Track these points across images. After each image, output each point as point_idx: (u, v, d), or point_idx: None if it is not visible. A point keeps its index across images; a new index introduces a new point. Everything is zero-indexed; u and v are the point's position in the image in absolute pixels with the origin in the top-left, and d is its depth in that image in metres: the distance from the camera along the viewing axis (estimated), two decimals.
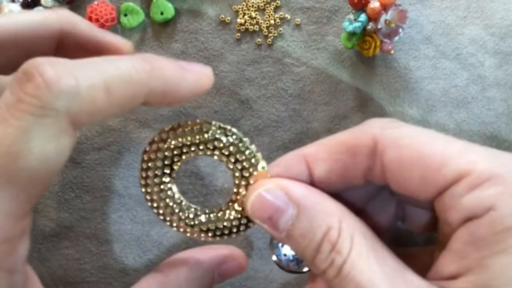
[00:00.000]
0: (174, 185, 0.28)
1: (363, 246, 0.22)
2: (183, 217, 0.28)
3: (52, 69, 0.21)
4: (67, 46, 0.26)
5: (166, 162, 0.27)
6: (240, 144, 0.26)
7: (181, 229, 0.28)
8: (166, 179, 0.27)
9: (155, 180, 0.27)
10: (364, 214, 0.27)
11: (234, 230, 0.27)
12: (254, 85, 0.36)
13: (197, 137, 0.26)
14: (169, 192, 0.27)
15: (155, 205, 0.27)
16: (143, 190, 0.27)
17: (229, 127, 0.26)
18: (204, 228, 0.27)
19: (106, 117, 0.23)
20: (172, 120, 0.36)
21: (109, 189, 0.36)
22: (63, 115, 0.21)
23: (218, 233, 0.27)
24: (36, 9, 0.35)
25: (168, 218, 0.28)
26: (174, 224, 0.28)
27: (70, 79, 0.21)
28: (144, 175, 0.27)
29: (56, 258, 0.36)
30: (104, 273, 0.36)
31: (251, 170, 0.26)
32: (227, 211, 0.27)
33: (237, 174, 0.26)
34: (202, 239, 0.28)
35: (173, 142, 0.26)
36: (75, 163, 0.36)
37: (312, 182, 0.25)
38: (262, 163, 0.26)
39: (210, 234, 0.27)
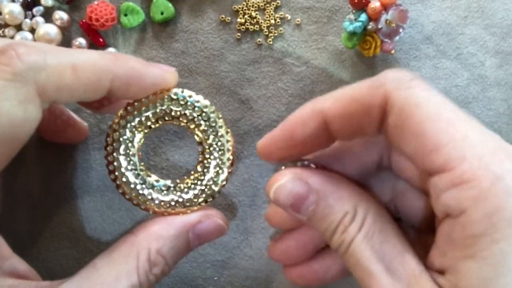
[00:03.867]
0: (141, 164, 0.29)
1: (370, 228, 0.24)
2: (149, 197, 0.29)
3: (24, 46, 0.25)
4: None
5: (128, 135, 0.28)
6: (195, 110, 0.29)
7: (156, 209, 0.29)
8: (130, 152, 0.29)
9: (122, 160, 0.28)
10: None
11: (202, 200, 0.29)
12: (254, 85, 0.36)
13: (156, 109, 0.29)
14: (138, 171, 0.29)
15: (126, 190, 0.29)
16: (111, 177, 0.29)
17: (182, 95, 0.29)
18: (176, 203, 0.29)
19: (74, 96, 0.26)
20: None
21: (109, 189, 0.36)
22: (31, 84, 0.24)
23: (187, 204, 0.29)
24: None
25: (141, 201, 0.29)
26: (148, 206, 0.29)
27: (40, 55, 0.25)
28: (110, 159, 0.28)
29: (56, 258, 0.36)
30: None
31: (211, 134, 0.29)
32: (196, 182, 0.29)
33: (201, 141, 0.29)
34: (174, 214, 0.29)
35: (134, 116, 0.28)
36: (75, 163, 0.36)
37: (329, 136, 0.26)
38: (222, 125, 0.29)
39: (181, 208, 0.29)
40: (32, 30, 0.35)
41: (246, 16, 0.35)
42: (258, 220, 0.36)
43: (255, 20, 0.35)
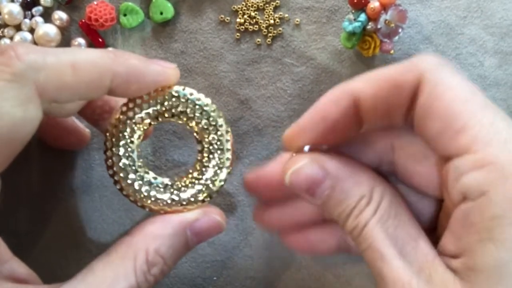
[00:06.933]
0: (140, 161, 0.29)
1: (385, 212, 0.24)
2: (151, 195, 0.29)
3: (23, 47, 0.24)
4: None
5: (128, 131, 0.28)
6: (198, 111, 0.29)
7: (153, 207, 0.29)
8: (131, 153, 0.28)
9: (121, 155, 0.28)
10: None
11: (202, 198, 0.29)
12: (253, 85, 0.36)
13: (157, 106, 0.28)
14: (136, 168, 0.29)
15: (123, 185, 0.28)
16: (110, 172, 0.28)
17: (184, 92, 0.29)
18: (174, 201, 0.29)
19: (75, 95, 0.26)
20: None
21: (109, 189, 0.36)
22: (31, 83, 0.24)
23: (184, 202, 0.29)
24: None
25: (138, 198, 0.29)
26: (145, 204, 0.29)
27: (39, 54, 0.25)
28: (109, 154, 0.28)
29: (56, 259, 0.36)
30: None
31: (211, 133, 0.29)
32: (194, 180, 0.29)
33: (200, 139, 0.29)
34: (173, 212, 0.29)
35: (135, 112, 0.28)
36: (75, 163, 0.36)
37: (358, 119, 0.25)
38: (222, 124, 0.29)
39: (180, 206, 0.29)
40: (32, 30, 0.35)
41: (245, 16, 0.35)
42: None
43: (254, 20, 0.35)
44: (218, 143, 0.29)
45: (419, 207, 0.27)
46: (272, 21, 0.35)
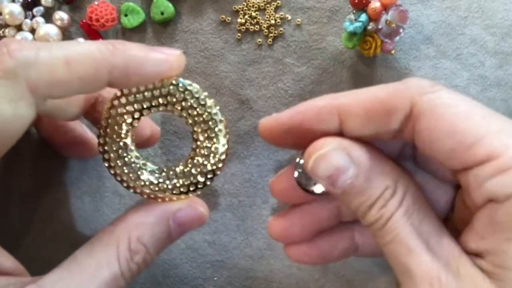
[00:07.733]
0: (132, 145, 0.28)
1: (410, 205, 0.24)
2: (141, 177, 0.28)
3: (16, 43, 0.24)
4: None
5: (124, 118, 0.27)
6: (192, 100, 0.27)
7: (138, 190, 0.28)
8: (124, 135, 0.28)
9: (114, 136, 0.27)
10: None
11: (192, 188, 0.28)
12: (254, 85, 0.36)
13: (153, 93, 0.27)
14: (127, 151, 0.28)
15: (112, 164, 0.28)
16: (100, 149, 0.28)
17: (182, 83, 0.27)
18: (163, 187, 0.28)
19: (70, 90, 0.25)
20: (168, 117, 0.36)
21: (109, 189, 0.36)
22: (22, 81, 0.24)
23: (176, 191, 0.28)
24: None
25: (124, 178, 0.28)
26: (131, 185, 0.28)
27: (31, 51, 0.24)
28: (102, 132, 0.27)
29: (56, 258, 0.35)
30: None
31: (207, 126, 0.28)
32: (186, 169, 0.28)
33: (196, 129, 0.28)
34: (160, 200, 0.28)
35: (130, 98, 0.27)
36: (76, 164, 0.36)
37: (341, 134, 0.25)
38: (218, 119, 0.28)
39: (168, 193, 0.28)
40: (33, 31, 0.35)
41: (246, 17, 0.35)
42: (258, 220, 0.36)
43: (255, 20, 0.36)
44: (212, 134, 0.28)
45: (436, 196, 0.27)
46: (273, 21, 0.35)
